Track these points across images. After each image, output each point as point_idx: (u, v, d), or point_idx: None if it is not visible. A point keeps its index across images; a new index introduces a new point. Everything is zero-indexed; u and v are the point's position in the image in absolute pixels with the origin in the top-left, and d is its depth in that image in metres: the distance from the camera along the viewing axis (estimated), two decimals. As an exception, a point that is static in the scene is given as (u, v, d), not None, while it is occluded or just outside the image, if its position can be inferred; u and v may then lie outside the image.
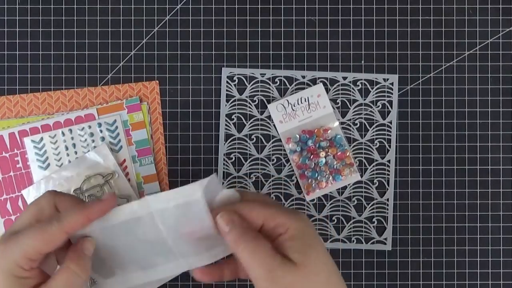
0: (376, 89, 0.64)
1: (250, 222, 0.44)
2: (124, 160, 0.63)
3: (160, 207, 0.43)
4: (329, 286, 0.43)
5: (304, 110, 0.64)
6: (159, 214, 0.43)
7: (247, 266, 0.42)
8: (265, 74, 0.64)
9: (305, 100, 0.64)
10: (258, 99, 0.64)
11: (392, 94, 0.64)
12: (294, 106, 0.64)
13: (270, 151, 0.64)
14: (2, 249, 0.43)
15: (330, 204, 0.64)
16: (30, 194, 0.62)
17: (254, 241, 0.43)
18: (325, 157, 0.63)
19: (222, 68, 0.64)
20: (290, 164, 0.64)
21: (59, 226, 0.43)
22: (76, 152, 0.63)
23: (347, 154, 0.64)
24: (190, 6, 0.64)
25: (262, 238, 0.43)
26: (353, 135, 0.64)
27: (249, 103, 0.64)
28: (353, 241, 0.64)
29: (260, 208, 0.44)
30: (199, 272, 0.47)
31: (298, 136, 0.64)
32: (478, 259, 0.64)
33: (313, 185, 0.64)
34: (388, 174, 0.64)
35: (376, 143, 0.64)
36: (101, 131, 0.63)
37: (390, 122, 0.64)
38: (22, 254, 0.42)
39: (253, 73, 0.64)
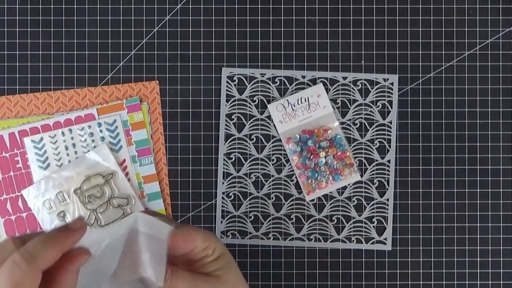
0: (376, 89, 0.64)
1: (187, 245, 0.45)
2: (124, 160, 0.63)
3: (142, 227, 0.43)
4: None
5: (304, 110, 0.64)
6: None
7: None
8: (265, 74, 0.64)
9: (305, 100, 0.64)
10: (258, 99, 0.64)
11: (392, 94, 0.64)
12: (294, 106, 0.64)
13: (270, 151, 0.64)
14: None
15: (330, 204, 0.64)
16: (30, 194, 0.62)
17: (175, 270, 0.44)
18: (325, 157, 0.63)
19: (222, 68, 0.64)
20: (290, 164, 0.64)
21: (31, 267, 0.36)
22: (76, 152, 0.63)
23: (347, 154, 0.64)
24: (190, 6, 0.64)
25: (176, 267, 0.45)
26: (353, 135, 0.64)
27: (249, 103, 0.64)
28: (353, 241, 0.64)
29: (196, 232, 0.45)
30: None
31: (298, 136, 0.64)
32: (478, 259, 0.64)
33: (313, 185, 0.64)
34: (388, 174, 0.64)
35: (376, 143, 0.64)
36: (101, 131, 0.63)
37: (390, 122, 0.64)
38: None
39: (253, 73, 0.64)
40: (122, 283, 0.43)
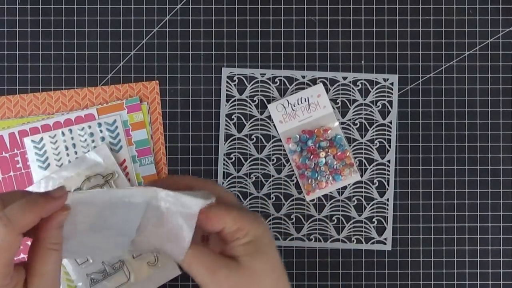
0: (376, 89, 0.64)
1: (213, 225, 0.44)
2: (124, 160, 0.63)
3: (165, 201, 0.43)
4: None
5: (304, 110, 0.64)
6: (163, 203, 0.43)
7: (193, 273, 0.43)
8: (265, 74, 0.64)
9: (305, 100, 0.64)
10: (258, 99, 0.64)
11: (392, 94, 0.64)
12: (294, 106, 0.64)
13: (270, 151, 0.64)
14: None
15: (330, 204, 0.64)
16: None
17: (195, 247, 0.43)
18: (325, 157, 0.63)
19: (222, 68, 0.64)
20: (290, 164, 0.64)
21: (8, 230, 0.38)
22: (76, 152, 0.63)
23: (347, 154, 0.64)
24: (190, 6, 0.64)
25: (201, 244, 0.44)
26: (353, 135, 0.64)
27: (249, 103, 0.64)
28: (353, 241, 0.64)
29: (227, 212, 0.44)
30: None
31: (298, 136, 0.64)
32: (478, 259, 0.64)
33: (313, 185, 0.64)
34: (388, 174, 0.64)
35: (376, 143, 0.64)
36: (101, 131, 0.63)
37: (390, 122, 0.64)
38: None
39: (253, 73, 0.64)
40: (143, 250, 0.44)
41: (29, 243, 0.42)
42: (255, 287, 0.43)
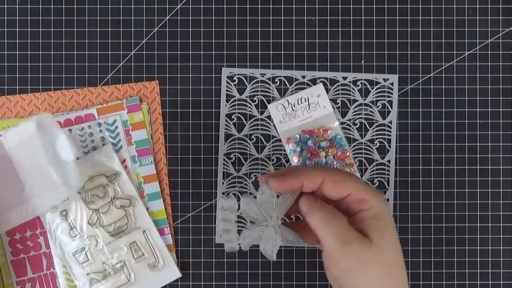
0: (376, 89, 0.64)
1: (337, 191, 0.44)
2: (124, 160, 0.63)
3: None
4: (396, 267, 0.44)
5: (304, 110, 0.64)
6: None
7: (322, 235, 0.44)
8: (265, 74, 0.64)
9: (305, 100, 0.64)
10: (258, 99, 0.64)
11: (392, 94, 0.64)
12: (294, 106, 0.64)
13: (270, 151, 0.64)
14: None
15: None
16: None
17: (330, 211, 0.44)
18: (325, 157, 0.63)
19: (222, 68, 0.64)
20: (290, 164, 0.64)
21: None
22: (76, 152, 0.63)
23: (347, 154, 0.64)
24: (190, 6, 0.64)
25: (337, 211, 0.44)
26: (353, 135, 0.64)
27: (249, 103, 0.64)
28: (353, 241, 0.64)
29: (351, 180, 0.45)
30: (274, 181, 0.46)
31: (298, 136, 0.64)
32: (478, 259, 0.64)
33: (313, 185, 0.63)
34: (388, 174, 0.64)
35: (376, 143, 0.64)
36: (101, 131, 0.63)
37: (390, 122, 0.64)
38: None
39: (253, 73, 0.64)
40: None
41: (29, 243, 0.42)
42: (381, 263, 0.43)
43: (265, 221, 0.47)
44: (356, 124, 0.64)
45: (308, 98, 0.64)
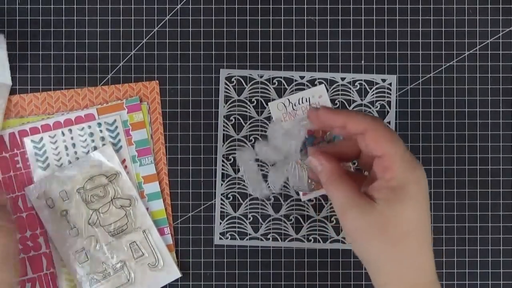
0: (374, 90, 0.64)
1: (374, 147, 0.42)
2: (124, 160, 0.63)
3: None
4: (404, 242, 0.41)
5: (305, 110, 0.64)
6: None
7: (329, 194, 0.44)
8: (263, 75, 0.64)
9: (306, 100, 0.64)
10: (257, 100, 0.64)
11: (390, 94, 0.64)
12: (295, 105, 0.64)
13: (269, 151, 0.64)
14: None
15: (329, 205, 0.64)
16: (33, 192, 0.62)
17: (339, 176, 0.44)
18: (325, 157, 0.63)
19: (221, 69, 0.64)
20: (290, 164, 0.64)
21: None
22: (76, 152, 0.63)
23: (347, 154, 0.64)
24: (190, 6, 0.64)
25: (349, 178, 0.43)
26: (353, 135, 0.64)
27: (248, 104, 0.64)
28: (353, 241, 0.64)
29: (390, 142, 0.42)
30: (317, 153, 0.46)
31: (297, 136, 0.64)
32: (478, 259, 0.64)
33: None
34: (388, 174, 0.64)
35: (376, 143, 0.64)
36: (101, 131, 0.63)
37: (389, 123, 0.64)
38: None
39: (251, 74, 0.64)
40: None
41: (29, 243, 0.43)
42: (385, 235, 0.40)
43: (285, 159, 0.46)
44: (356, 124, 0.64)
45: (309, 98, 0.64)
